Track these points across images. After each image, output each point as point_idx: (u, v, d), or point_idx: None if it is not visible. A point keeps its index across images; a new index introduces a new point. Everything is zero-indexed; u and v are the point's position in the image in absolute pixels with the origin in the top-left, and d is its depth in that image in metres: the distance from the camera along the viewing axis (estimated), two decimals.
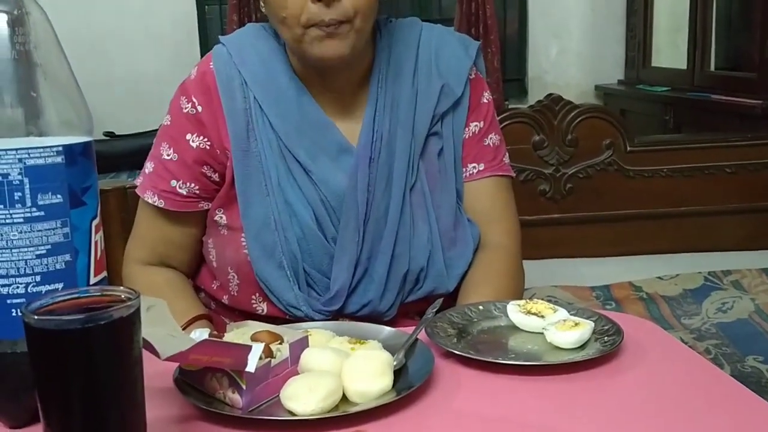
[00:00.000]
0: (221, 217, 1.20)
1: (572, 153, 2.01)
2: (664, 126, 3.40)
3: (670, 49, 3.91)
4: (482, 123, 1.26)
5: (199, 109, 1.18)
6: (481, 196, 1.26)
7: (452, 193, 1.23)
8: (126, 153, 3.75)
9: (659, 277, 1.86)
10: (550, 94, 2.03)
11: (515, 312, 0.97)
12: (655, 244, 2.05)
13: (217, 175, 1.19)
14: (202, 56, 4.58)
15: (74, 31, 3.93)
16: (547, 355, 0.88)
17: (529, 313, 0.95)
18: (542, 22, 4.34)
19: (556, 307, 0.97)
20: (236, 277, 1.19)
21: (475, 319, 0.98)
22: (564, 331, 0.89)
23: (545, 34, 4.34)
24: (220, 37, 1.25)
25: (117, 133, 4.01)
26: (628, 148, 2.03)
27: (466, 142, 1.25)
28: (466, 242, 1.22)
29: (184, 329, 1.08)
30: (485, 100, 1.28)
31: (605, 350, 0.86)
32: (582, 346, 0.89)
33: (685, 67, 3.51)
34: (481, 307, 1.01)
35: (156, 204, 1.20)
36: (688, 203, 2.05)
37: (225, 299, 1.23)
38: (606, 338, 0.90)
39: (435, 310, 0.97)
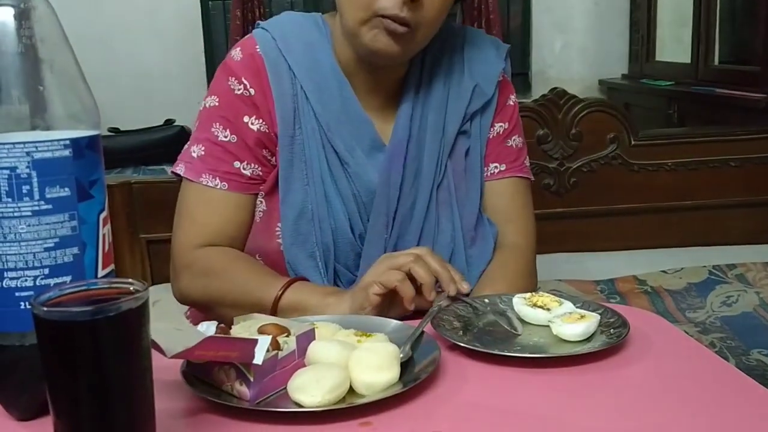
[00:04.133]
0: (261, 201, 1.19)
1: (576, 147, 2.01)
2: (668, 120, 3.40)
3: (673, 43, 3.90)
4: (507, 124, 1.28)
5: (252, 92, 1.16)
6: (500, 195, 1.27)
7: (477, 192, 1.24)
8: (131, 149, 3.76)
9: (664, 271, 1.86)
10: (555, 88, 2.03)
11: (521, 305, 0.96)
12: (659, 238, 2.05)
13: (274, 159, 1.18)
14: (205, 52, 4.59)
15: (79, 26, 3.92)
16: (553, 348, 0.88)
17: (534, 305, 0.95)
18: (546, 17, 4.34)
19: (562, 300, 0.96)
20: (262, 262, 1.19)
21: (481, 312, 0.98)
22: (570, 323, 0.89)
23: (549, 29, 4.34)
24: (259, 22, 1.24)
25: (121, 128, 4.02)
26: (633, 142, 2.03)
27: (489, 141, 1.26)
28: (486, 241, 1.23)
29: (282, 293, 1.06)
30: (511, 103, 1.29)
31: (611, 342, 0.86)
32: (588, 339, 0.88)
33: (689, 61, 3.51)
34: (486, 300, 1.01)
35: (218, 187, 1.15)
36: (693, 197, 2.05)
37: None
38: (612, 330, 0.90)
39: (441, 303, 0.97)
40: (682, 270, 1.86)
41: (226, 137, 1.16)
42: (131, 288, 0.60)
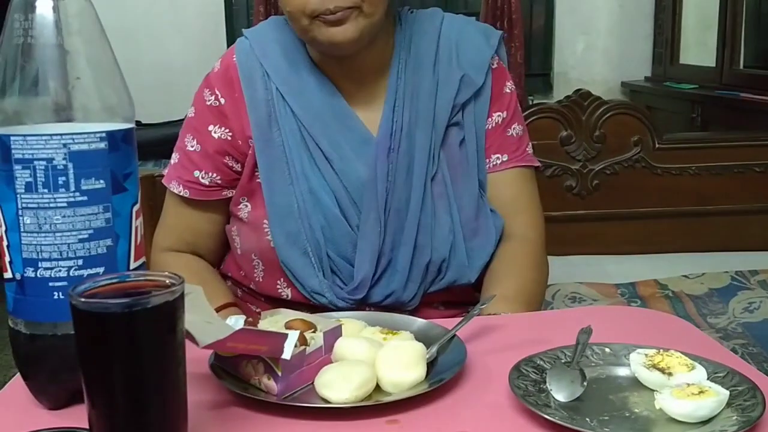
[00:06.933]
0: (246, 205, 1.21)
1: (600, 149, 2.00)
2: (692, 124, 3.38)
3: (698, 46, 3.87)
4: (505, 113, 1.26)
5: (222, 101, 1.20)
6: (505, 187, 1.26)
7: (474, 183, 1.22)
8: (152, 142, 3.77)
9: (685, 276, 1.85)
10: (579, 90, 2.02)
11: (638, 363, 0.80)
12: (681, 242, 2.03)
13: (239, 165, 1.22)
14: (228, 47, 4.59)
15: (103, 20, 3.95)
16: (651, 427, 0.72)
17: (654, 367, 0.78)
18: (569, 18, 4.31)
19: (695, 363, 0.79)
20: (261, 263, 1.21)
21: (594, 363, 0.83)
22: (679, 398, 0.71)
23: (572, 30, 4.32)
24: (243, 30, 1.27)
25: (143, 121, 4.04)
26: (657, 146, 2.01)
27: (489, 132, 1.25)
28: (488, 232, 1.22)
29: None
30: (508, 90, 1.28)
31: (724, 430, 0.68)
32: (705, 421, 0.70)
33: (713, 64, 3.48)
34: (608, 350, 0.85)
35: (181, 194, 1.23)
36: (716, 202, 2.03)
37: (252, 285, 1.25)
38: (736, 416, 0.71)
39: (483, 305, 0.94)
40: (704, 275, 1.84)
41: (192, 147, 1.23)
42: (167, 281, 0.60)
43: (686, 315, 1.72)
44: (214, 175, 1.22)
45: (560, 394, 0.75)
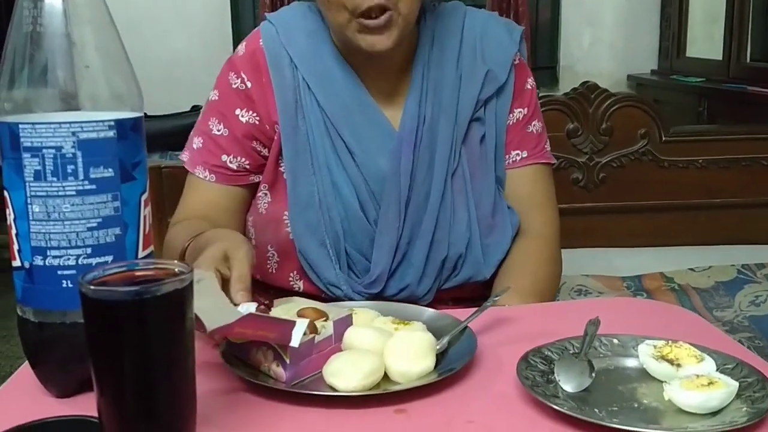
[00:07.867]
0: (265, 194, 1.21)
1: (606, 142, 1.99)
2: (698, 117, 3.37)
3: (705, 40, 3.86)
4: (526, 110, 1.26)
5: (249, 84, 1.19)
6: (522, 183, 1.26)
7: (492, 180, 1.22)
8: (158, 134, 3.77)
9: (691, 269, 1.84)
10: (586, 82, 2.01)
11: (647, 354, 0.80)
12: (688, 235, 2.03)
13: (266, 150, 1.20)
14: (233, 39, 4.58)
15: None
16: (659, 417, 0.72)
17: (663, 358, 0.78)
18: (575, 11, 4.30)
19: (704, 355, 0.79)
20: (276, 255, 1.20)
21: (602, 354, 0.83)
22: (688, 390, 0.71)
23: (578, 23, 4.30)
24: (266, 15, 1.25)
25: (148, 113, 4.04)
26: (664, 138, 2.00)
27: (509, 128, 1.25)
28: (505, 229, 1.22)
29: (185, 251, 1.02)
30: (529, 87, 1.28)
31: (733, 424, 0.67)
32: (714, 413, 0.71)
33: (720, 58, 3.47)
34: (616, 341, 0.85)
35: (207, 179, 1.20)
36: (723, 195, 2.02)
37: (258, 277, 1.24)
38: (745, 408, 0.71)
39: (496, 297, 0.94)
40: (710, 268, 1.84)
41: (219, 131, 1.20)
42: (176, 270, 0.60)
43: (692, 308, 1.71)
44: (243, 159, 1.20)
45: (568, 384, 0.76)
